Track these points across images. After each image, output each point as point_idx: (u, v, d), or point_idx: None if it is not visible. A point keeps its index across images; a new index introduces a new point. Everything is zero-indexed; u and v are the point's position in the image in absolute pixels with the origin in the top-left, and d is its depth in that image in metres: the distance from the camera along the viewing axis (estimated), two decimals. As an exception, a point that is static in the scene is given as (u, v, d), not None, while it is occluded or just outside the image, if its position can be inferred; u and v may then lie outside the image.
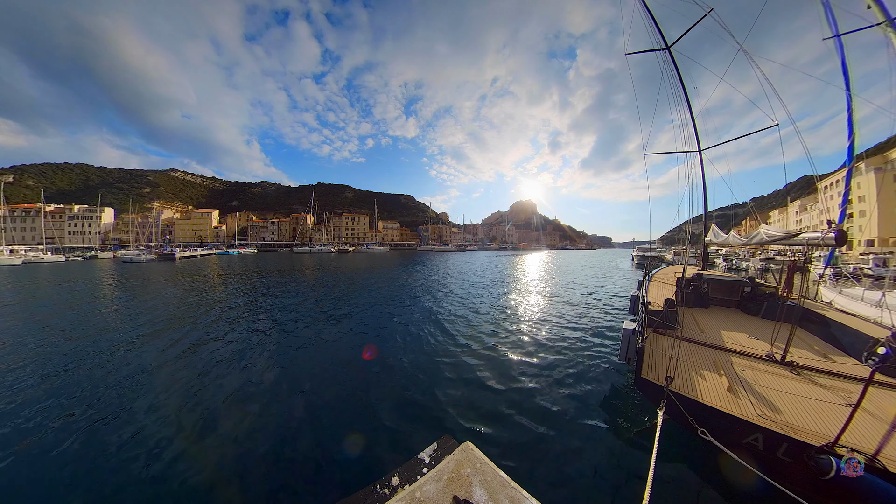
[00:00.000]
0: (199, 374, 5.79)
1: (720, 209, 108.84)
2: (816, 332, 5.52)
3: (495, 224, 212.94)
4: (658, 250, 48.25)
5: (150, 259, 44.69)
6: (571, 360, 6.33)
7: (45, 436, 3.99)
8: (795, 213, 68.97)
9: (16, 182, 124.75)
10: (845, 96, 8.26)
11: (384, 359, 6.53)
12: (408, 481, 1.80)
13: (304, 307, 11.87)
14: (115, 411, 4.55)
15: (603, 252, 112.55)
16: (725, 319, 6.37)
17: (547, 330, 8.57)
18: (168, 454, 3.67)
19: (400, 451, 3.72)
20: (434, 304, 12.36)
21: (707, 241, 10.50)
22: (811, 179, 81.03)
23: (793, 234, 5.00)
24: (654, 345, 4.54)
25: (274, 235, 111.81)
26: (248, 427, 4.20)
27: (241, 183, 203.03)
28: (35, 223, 74.53)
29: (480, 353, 6.81)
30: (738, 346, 4.82)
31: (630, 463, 3.54)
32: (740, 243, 7.48)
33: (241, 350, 7.04)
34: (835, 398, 3.37)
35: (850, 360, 4.47)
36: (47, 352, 6.97)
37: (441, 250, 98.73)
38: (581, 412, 4.48)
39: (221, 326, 9.06)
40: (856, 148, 8.69)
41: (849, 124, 8.54)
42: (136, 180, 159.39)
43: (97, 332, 8.58)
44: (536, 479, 3.34)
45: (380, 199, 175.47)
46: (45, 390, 5.17)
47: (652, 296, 7.11)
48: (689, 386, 3.53)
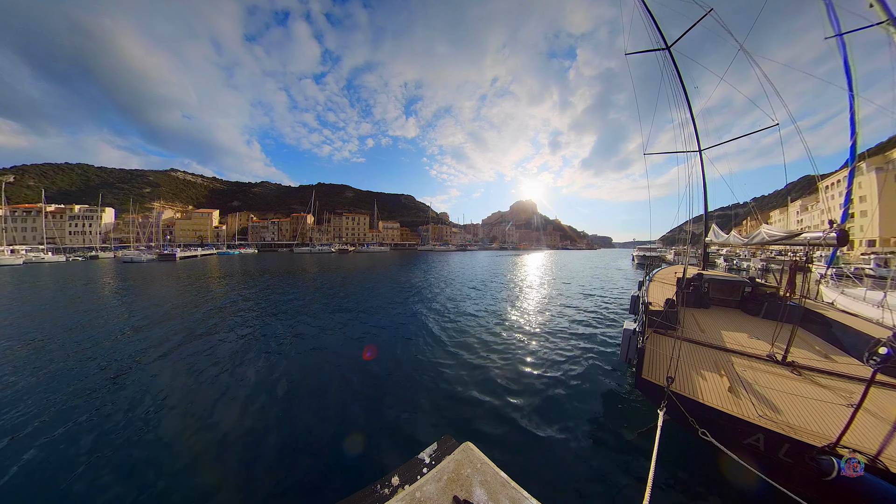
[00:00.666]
0: (199, 372, 5.79)
1: (721, 209, 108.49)
2: (817, 333, 5.50)
3: (496, 224, 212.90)
4: (659, 250, 48.22)
5: (150, 259, 44.75)
6: (572, 360, 6.32)
7: (45, 432, 4.00)
8: (797, 213, 68.88)
9: (17, 182, 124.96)
10: (847, 96, 8.23)
11: (385, 359, 6.53)
12: (408, 481, 1.80)
13: (304, 307, 11.88)
14: (116, 409, 4.56)
15: (603, 252, 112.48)
16: (726, 320, 6.36)
17: (547, 330, 8.56)
18: (168, 453, 3.68)
19: (400, 451, 3.72)
20: (435, 303, 12.36)
21: (707, 242, 10.48)
22: (812, 179, 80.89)
23: (794, 233, 4.98)
24: (655, 345, 4.53)
25: (274, 235, 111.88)
26: (247, 426, 4.20)
27: (242, 183, 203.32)
28: (36, 223, 74.67)
29: (481, 353, 6.81)
30: (739, 346, 4.81)
31: (631, 463, 3.53)
32: (741, 243, 7.46)
33: (241, 349, 7.04)
34: (836, 399, 3.36)
35: (851, 360, 4.45)
36: (49, 350, 6.99)
37: (441, 250, 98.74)
38: (582, 412, 4.48)
39: (222, 326, 9.06)
40: (858, 147, 8.66)
41: (851, 124, 8.50)
42: (136, 180, 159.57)
43: (97, 331, 8.58)
44: (537, 479, 3.33)
45: (380, 199, 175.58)
46: (44, 387, 5.18)
47: (652, 296, 7.10)
48: (689, 386, 3.52)
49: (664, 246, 63.61)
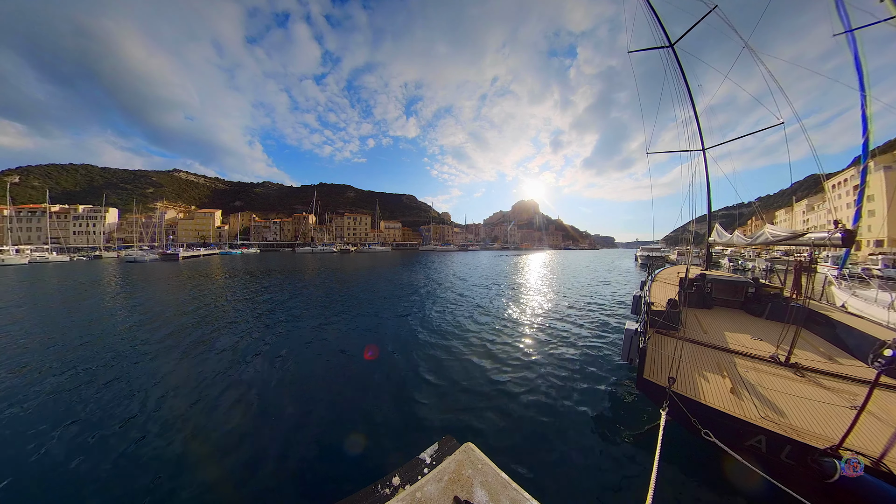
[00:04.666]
0: (200, 371, 5.82)
1: (725, 209, 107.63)
2: (822, 334, 5.45)
3: (497, 224, 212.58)
4: (662, 250, 47.97)
5: (153, 259, 45.09)
6: (573, 360, 6.30)
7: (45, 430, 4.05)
8: (803, 213, 68.15)
9: (22, 183, 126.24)
10: (859, 93, 8.08)
11: (385, 359, 6.54)
12: (408, 481, 1.80)
13: (306, 306, 11.92)
14: (116, 407, 4.60)
15: (606, 252, 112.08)
16: (729, 320, 6.32)
17: (549, 330, 8.54)
18: (167, 453, 3.70)
19: (401, 451, 3.73)
20: (436, 303, 12.37)
21: (711, 242, 10.41)
22: (819, 178, 79.93)
23: (798, 234, 4.94)
24: (657, 345, 4.51)
25: (276, 235, 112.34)
26: (248, 426, 4.22)
27: (244, 183, 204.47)
28: (40, 223, 75.37)
29: (482, 353, 6.80)
30: (742, 347, 4.77)
31: (633, 464, 3.52)
32: (744, 243, 7.40)
33: (241, 349, 7.08)
34: (840, 401, 3.33)
35: (855, 362, 4.41)
36: (54, 348, 7.06)
37: (443, 250, 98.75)
38: (583, 413, 4.47)
39: (223, 325, 9.12)
40: (871, 145, 8.52)
41: (863, 121, 8.34)
42: (139, 181, 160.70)
43: (98, 330, 8.66)
44: (538, 480, 3.33)
45: (382, 199, 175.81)
46: (50, 389, 5.24)
47: (654, 296, 7.06)
48: (691, 387, 3.51)
49: (667, 246, 63.27)
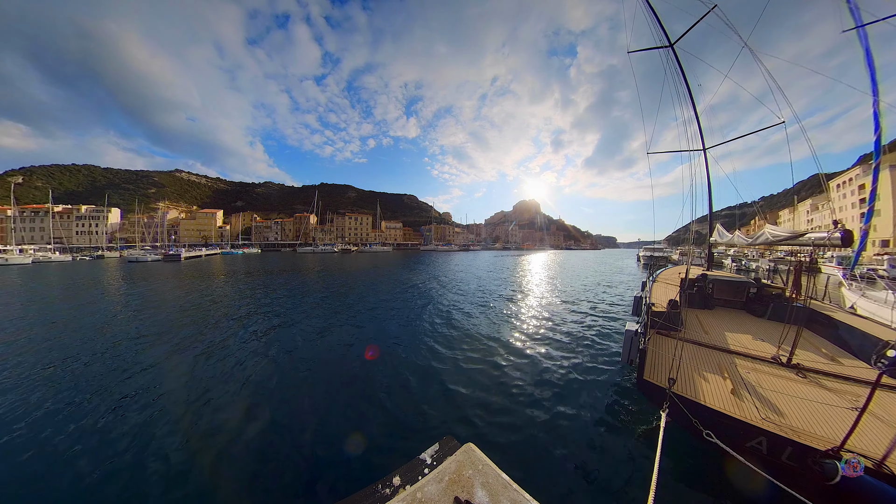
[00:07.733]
0: (201, 370, 5.85)
1: (728, 208, 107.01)
2: (824, 335, 5.43)
3: (498, 224, 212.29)
4: (665, 250, 47.79)
5: (155, 258, 45.26)
6: (574, 361, 6.30)
7: (46, 428, 4.08)
8: (807, 213, 67.56)
9: (25, 183, 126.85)
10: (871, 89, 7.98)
11: (386, 359, 6.55)
12: (409, 482, 1.81)
13: (307, 306, 11.95)
14: (117, 405, 4.64)
15: (607, 252, 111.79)
16: (730, 321, 6.29)
17: (550, 331, 8.53)
18: (168, 452, 3.72)
19: (401, 452, 3.74)
20: (437, 304, 12.38)
21: (712, 241, 10.37)
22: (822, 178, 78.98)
23: (798, 234, 4.93)
24: (657, 346, 4.50)
25: (277, 235, 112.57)
26: (248, 426, 4.24)
27: (245, 183, 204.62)
28: (44, 223, 75.74)
29: (483, 354, 6.81)
30: (743, 347, 4.76)
31: (633, 465, 3.51)
32: (745, 243, 7.37)
33: (242, 348, 7.11)
34: (841, 402, 3.32)
35: (858, 362, 4.38)
36: (55, 348, 7.11)
37: (444, 250, 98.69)
38: (583, 414, 4.47)
39: (224, 325, 9.15)
40: (883, 142, 8.41)
41: (874, 118, 8.23)
42: (141, 181, 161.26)
43: (100, 329, 8.72)
44: (538, 481, 3.33)
45: (383, 199, 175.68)
46: (48, 383, 5.28)
47: (655, 297, 7.04)
48: (691, 388, 3.50)
49: (669, 246, 63.04)
